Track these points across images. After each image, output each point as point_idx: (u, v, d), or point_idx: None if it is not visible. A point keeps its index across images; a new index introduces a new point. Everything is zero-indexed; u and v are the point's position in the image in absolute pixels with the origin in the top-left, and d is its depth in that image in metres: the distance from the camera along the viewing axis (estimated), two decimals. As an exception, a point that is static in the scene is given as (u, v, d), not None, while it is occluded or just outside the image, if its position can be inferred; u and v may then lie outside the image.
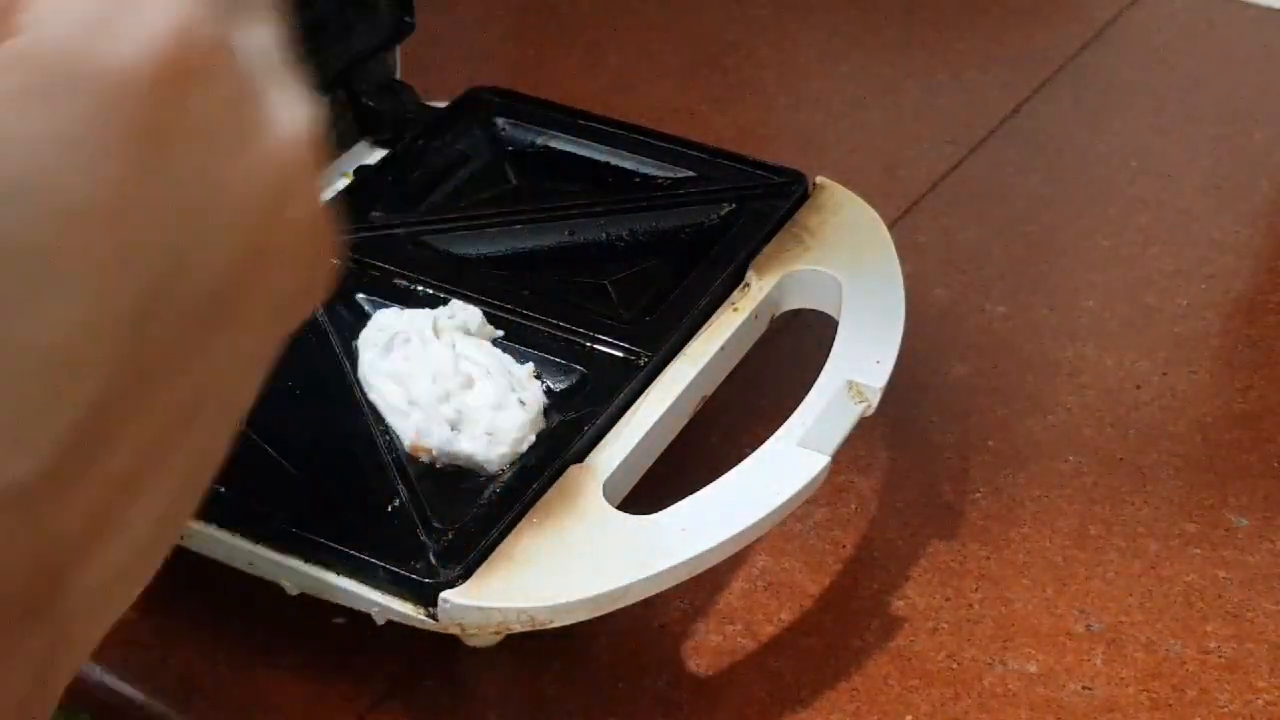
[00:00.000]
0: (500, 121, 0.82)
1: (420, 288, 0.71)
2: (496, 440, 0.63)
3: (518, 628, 0.58)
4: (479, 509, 0.61)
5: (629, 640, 0.65)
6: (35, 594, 0.24)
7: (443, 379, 0.64)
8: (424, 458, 0.64)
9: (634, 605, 0.59)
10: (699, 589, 0.66)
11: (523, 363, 0.67)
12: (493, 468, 0.63)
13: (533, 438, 0.64)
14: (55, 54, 0.23)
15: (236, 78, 0.26)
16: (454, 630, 0.58)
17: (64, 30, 0.24)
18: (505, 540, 0.60)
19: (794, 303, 0.73)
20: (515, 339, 0.68)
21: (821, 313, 0.72)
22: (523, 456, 0.63)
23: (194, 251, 0.25)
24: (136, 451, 0.25)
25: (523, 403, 0.64)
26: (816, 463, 0.63)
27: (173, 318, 0.25)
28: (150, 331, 0.24)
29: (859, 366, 0.67)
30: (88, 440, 0.24)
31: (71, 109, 0.23)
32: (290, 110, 0.27)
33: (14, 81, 0.23)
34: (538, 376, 0.67)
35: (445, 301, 0.69)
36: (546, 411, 0.65)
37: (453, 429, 0.63)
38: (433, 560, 0.59)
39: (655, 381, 0.67)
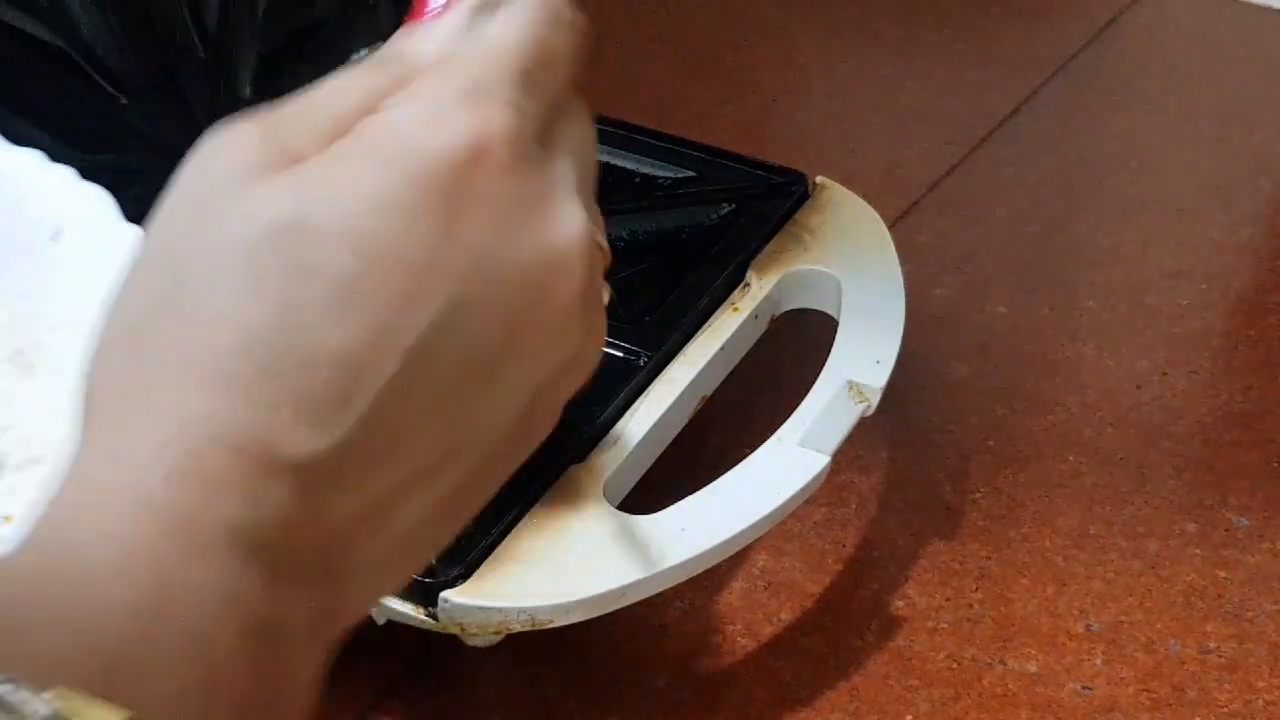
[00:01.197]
0: (500, 121, 0.82)
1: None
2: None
3: (518, 628, 0.58)
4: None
5: (629, 640, 0.65)
6: (325, 561, 0.30)
7: None
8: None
9: (634, 605, 0.59)
10: (699, 589, 0.66)
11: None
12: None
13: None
14: (393, 135, 0.31)
15: (528, 179, 0.31)
16: (454, 630, 0.58)
17: (404, 117, 0.31)
18: (505, 540, 0.60)
19: (794, 303, 0.73)
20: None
21: (821, 313, 0.72)
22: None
23: (464, 311, 0.30)
24: (408, 469, 0.30)
25: None
26: (816, 463, 0.63)
27: (437, 361, 0.30)
28: (418, 367, 0.30)
29: (859, 366, 0.67)
30: (368, 441, 0.29)
31: (395, 175, 0.30)
32: (572, 219, 0.32)
33: (360, 148, 0.30)
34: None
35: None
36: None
37: None
38: (432, 559, 0.59)
39: (655, 381, 0.67)
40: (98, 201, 0.57)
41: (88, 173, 0.68)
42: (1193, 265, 0.85)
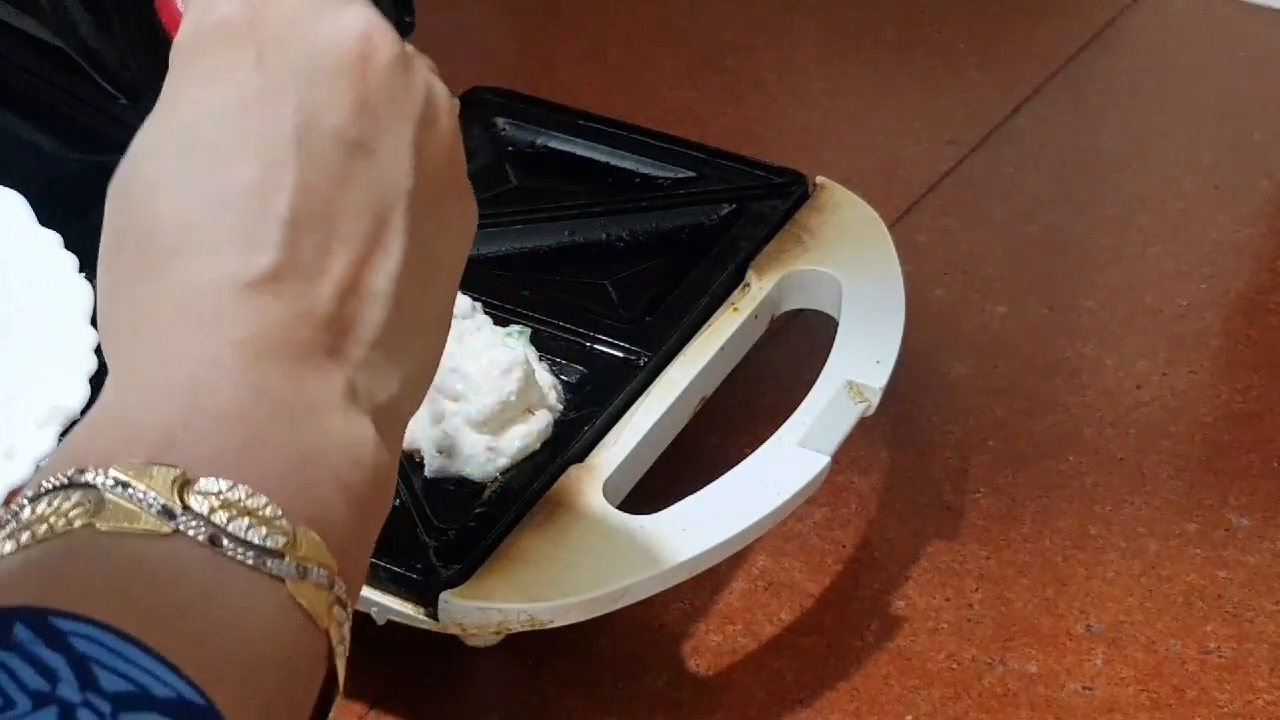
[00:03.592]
0: (500, 121, 0.82)
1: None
2: (498, 454, 0.63)
3: (518, 628, 0.58)
4: (479, 508, 0.61)
5: (629, 640, 0.65)
6: (328, 341, 0.37)
7: (436, 399, 0.63)
8: (420, 458, 0.64)
9: (634, 605, 0.59)
10: (699, 589, 0.66)
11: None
12: (491, 478, 0.63)
13: (536, 445, 0.64)
14: (178, 38, 0.41)
15: (299, 6, 0.39)
16: (454, 630, 0.58)
17: (183, 26, 0.41)
18: (505, 540, 0.60)
19: (794, 303, 0.73)
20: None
21: (821, 313, 0.72)
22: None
23: (312, 105, 0.38)
24: (353, 245, 0.38)
25: (531, 413, 0.64)
26: (816, 463, 0.63)
27: (319, 153, 0.38)
28: (306, 163, 0.38)
29: (859, 366, 0.67)
30: (306, 237, 0.37)
31: (193, 56, 0.40)
32: (352, 13, 0.40)
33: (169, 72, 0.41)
34: (557, 382, 0.66)
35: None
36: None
37: (448, 456, 0.63)
38: (433, 559, 0.59)
39: (655, 381, 0.67)
40: (12, 203, 0.57)
41: (88, 173, 0.68)
42: (1193, 265, 0.85)
